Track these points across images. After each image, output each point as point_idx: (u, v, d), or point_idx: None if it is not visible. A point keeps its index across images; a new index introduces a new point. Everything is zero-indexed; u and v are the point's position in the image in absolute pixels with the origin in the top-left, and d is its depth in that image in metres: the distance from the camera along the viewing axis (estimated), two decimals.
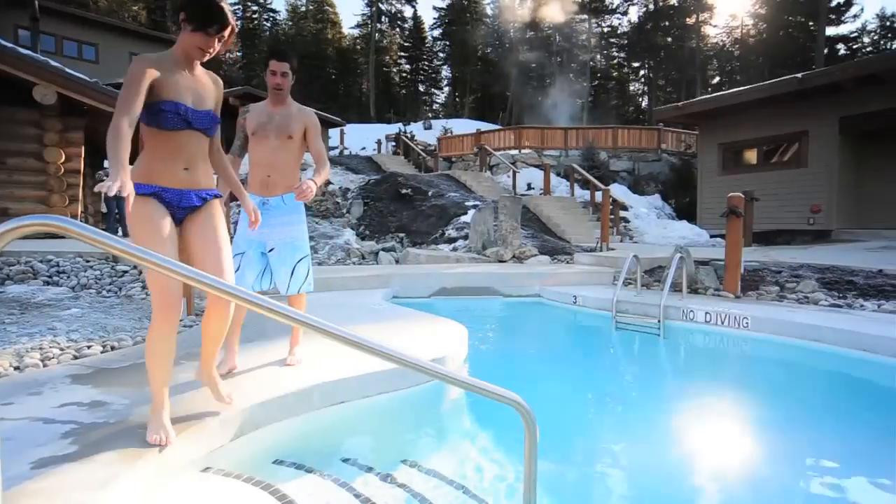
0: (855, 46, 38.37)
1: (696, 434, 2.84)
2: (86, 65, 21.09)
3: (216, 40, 1.88)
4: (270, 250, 2.76)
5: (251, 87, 20.14)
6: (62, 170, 9.17)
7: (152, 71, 1.79)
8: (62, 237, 2.42)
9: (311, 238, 9.88)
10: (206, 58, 1.93)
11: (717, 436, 2.85)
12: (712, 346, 4.83)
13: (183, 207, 1.99)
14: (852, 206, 11.63)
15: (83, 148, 9.52)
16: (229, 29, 1.90)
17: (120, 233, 10.85)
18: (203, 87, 1.98)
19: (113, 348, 3.31)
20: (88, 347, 3.22)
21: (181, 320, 4.32)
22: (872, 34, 39.21)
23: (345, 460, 2.22)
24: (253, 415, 2.35)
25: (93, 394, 2.36)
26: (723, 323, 4.87)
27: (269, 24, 50.86)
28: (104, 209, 11.63)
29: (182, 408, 2.21)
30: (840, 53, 37.07)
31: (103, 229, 2.08)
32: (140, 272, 6.01)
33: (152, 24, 35.59)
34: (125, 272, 5.87)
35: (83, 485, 1.56)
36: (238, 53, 47.74)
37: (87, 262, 5.95)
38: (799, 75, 11.59)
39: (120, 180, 1.53)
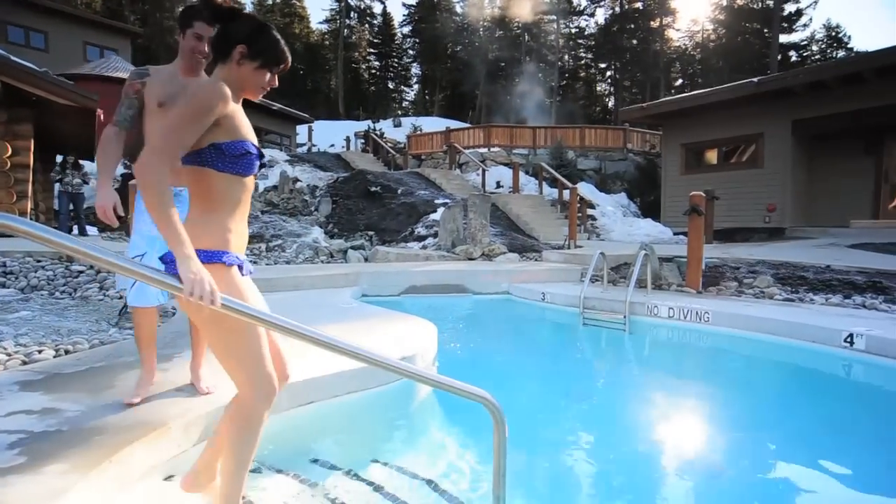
0: (805, 54, 40.28)
1: (659, 426, 2.93)
2: (34, 53, 20.02)
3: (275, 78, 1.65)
4: None
5: None
6: (8, 164, 8.70)
7: (227, 104, 1.47)
8: (9, 236, 2.27)
9: (278, 236, 9.70)
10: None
11: (680, 426, 2.94)
12: (675, 341, 4.98)
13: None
14: (804, 205, 12.19)
15: (32, 141, 9.05)
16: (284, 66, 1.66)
17: (75, 231, 10.38)
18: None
19: (67, 352, 3.16)
20: (39, 352, 3.06)
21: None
22: (820, 43, 41.20)
23: (315, 461, 2.19)
24: (219, 417, 2.29)
25: (43, 401, 2.25)
26: (685, 318, 5.03)
27: None
28: (56, 206, 11.09)
29: (142, 412, 2.13)
30: (792, 60, 38.82)
31: (54, 227, 1.96)
32: (97, 272, 5.77)
33: (108, 13, 34.09)
34: (80, 272, 5.62)
35: (33, 498, 1.48)
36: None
37: (38, 261, 5.66)
38: (755, 79, 12.06)
39: (195, 267, 1.30)
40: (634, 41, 43.45)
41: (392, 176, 14.94)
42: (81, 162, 10.85)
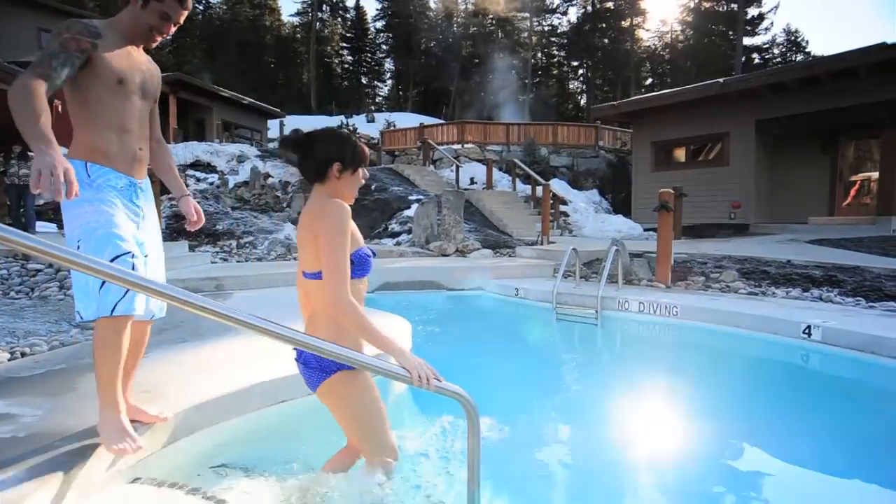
0: (767, 56, 41.67)
1: (631, 417, 2.99)
2: None
3: None
4: (146, 256, 1.89)
5: (183, 73, 18.95)
6: None
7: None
8: None
9: (249, 233, 9.51)
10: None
11: (650, 417, 3.02)
12: (645, 334, 5.10)
13: None
14: (766, 202, 12.63)
15: None
16: None
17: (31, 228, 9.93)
18: None
19: (24, 355, 3.03)
20: None
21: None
22: (781, 46, 42.69)
23: (289, 461, 2.15)
24: (187, 419, 2.23)
25: None
26: (655, 312, 5.15)
27: (201, 8, 48.07)
28: (8, 201, 10.57)
29: None
30: (755, 62, 40.10)
31: (8, 224, 1.75)
32: (57, 270, 5.54)
33: None
34: (38, 271, 5.39)
35: None
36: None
37: None
38: (721, 80, 12.41)
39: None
40: (606, 40, 44.13)
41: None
42: (30, 153, 10.35)
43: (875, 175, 11.34)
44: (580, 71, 48.78)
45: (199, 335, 3.54)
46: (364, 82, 53.95)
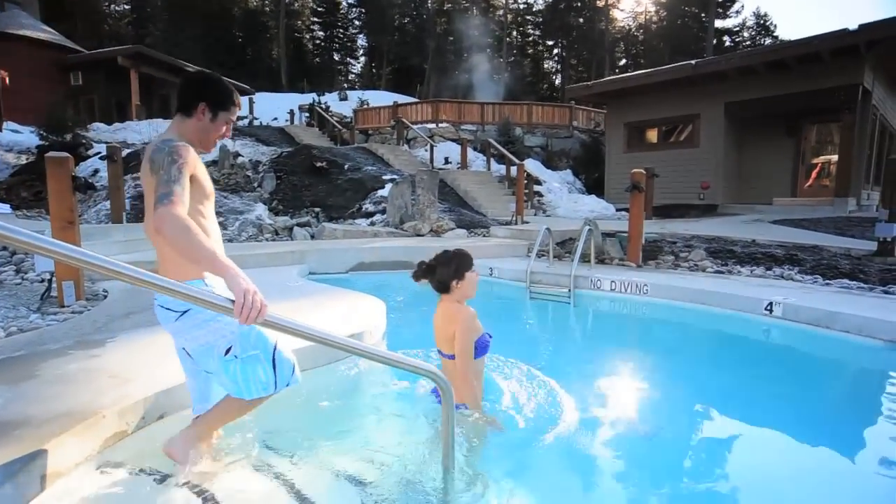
0: (738, 39, 42.26)
1: (602, 389, 3.08)
2: None
3: None
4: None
5: (144, 45, 18.08)
6: None
7: None
8: None
9: (219, 213, 9.27)
10: None
11: (620, 389, 3.11)
12: (617, 312, 5.22)
13: None
14: (734, 183, 12.97)
15: None
16: None
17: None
18: None
19: None
20: None
21: (69, 306, 3.90)
22: (751, 29, 43.33)
23: (263, 442, 2.15)
24: (157, 403, 2.20)
25: None
26: (626, 290, 5.27)
27: None
28: None
29: (70, 403, 2.00)
30: (726, 45, 40.66)
31: None
32: (12, 253, 5.31)
33: None
34: None
35: None
36: (127, 6, 42.61)
37: None
38: (692, 62, 12.56)
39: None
40: (581, 19, 43.95)
41: (338, 151, 14.55)
42: None
43: (834, 158, 11.74)
44: (555, 51, 48.59)
45: None
46: (336, 59, 52.54)
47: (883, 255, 5.83)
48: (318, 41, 51.74)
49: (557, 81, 47.87)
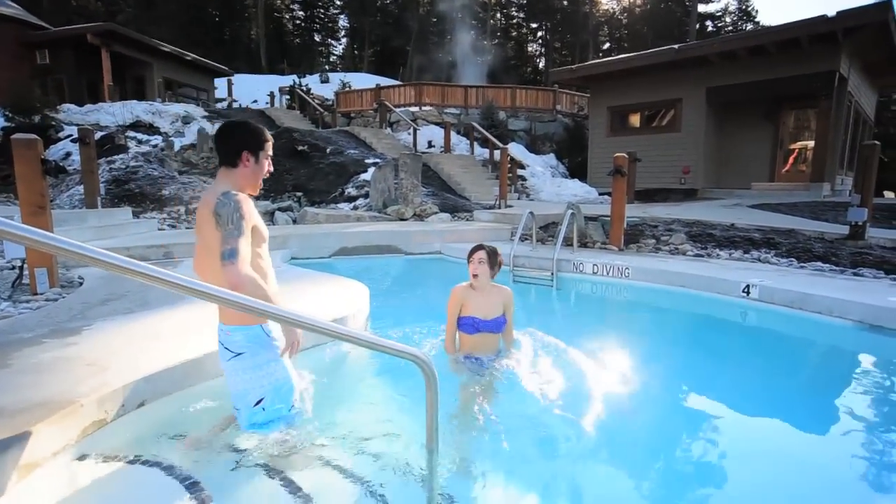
0: (720, 24, 42.41)
1: (583, 370, 3.13)
2: None
3: None
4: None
5: (115, 23, 17.38)
6: None
7: None
8: None
9: (198, 198, 9.08)
10: None
11: (602, 370, 3.16)
12: (599, 295, 5.29)
13: None
14: (714, 168, 13.13)
15: None
16: None
17: None
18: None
19: None
20: None
21: (43, 294, 3.80)
22: (733, 15, 43.51)
23: (247, 428, 2.13)
24: (137, 390, 2.16)
25: None
26: (608, 273, 5.34)
27: None
28: None
29: (46, 393, 1.96)
30: (709, 30, 40.77)
31: None
32: None
33: None
34: None
35: None
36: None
37: None
38: (675, 46, 12.59)
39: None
40: (565, 2, 43.62)
41: (320, 134, 14.32)
42: None
43: (811, 144, 11.96)
44: (539, 33, 48.25)
45: (147, 305, 3.41)
46: (317, 40, 51.37)
47: (854, 239, 6.00)
48: (298, 21, 50.48)
49: (541, 65, 47.63)
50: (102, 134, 11.62)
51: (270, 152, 1.99)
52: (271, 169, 1.99)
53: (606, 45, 46.55)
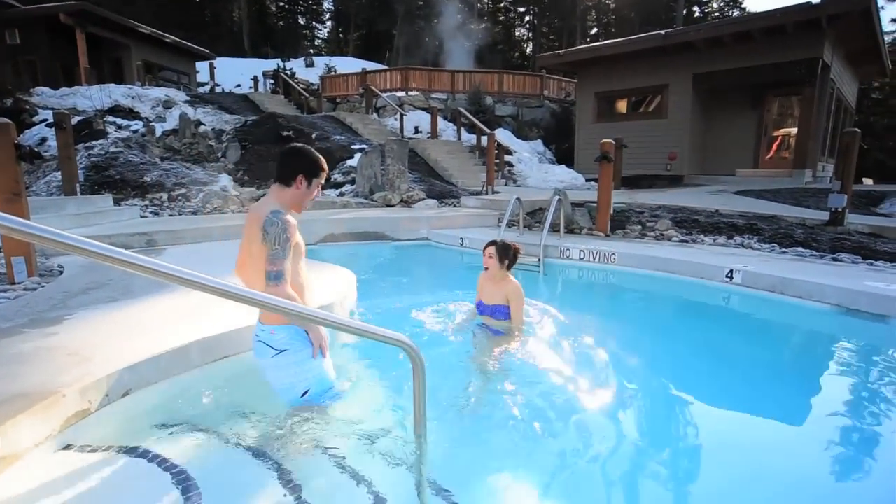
0: (707, 10, 42.39)
1: (568, 354, 3.16)
2: None
3: None
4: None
5: (89, 2, 16.77)
6: None
7: None
8: None
9: (181, 185, 8.93)
10: None
11: (588, 353, 3.20)
12: (586, 280, 5.33)
13: None
14: (700, 154, 13.23)
15: None
16: None
17: None
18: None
19: None
20: None
21: (21, 283, 3.72)
22: (720, 0, 43.48)
23: (234, 415, 2.13)
24: (121, 380, 2.14)
25: None
26: (594, 259, 5.38)
27: None
28: None
29: (26, 384, 1.93)
30: (696, 16, 40.74)
31: None
32: None
33: None
34: None
35: None
36: None
37: None
38: (662, 32, 12.57)
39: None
40: None
41: (305, 120, 14.11)
42: None
43: (794, 131, 12.09)
44: (526, 18, 47.83)
45: (130, 293, 3.36)
46: (301, 23, 50.32)
47: (834, 225, 6.11)
48: (281, 3, 49.35)
49: (529, 50, 47.29)
50: (80, 119, 11.31)
51: (323, 181, 2.17)
52: (318, 196, 2.16)
53: (594, 31, 46.35)
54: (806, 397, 2.71)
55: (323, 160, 2.15)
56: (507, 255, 3.21)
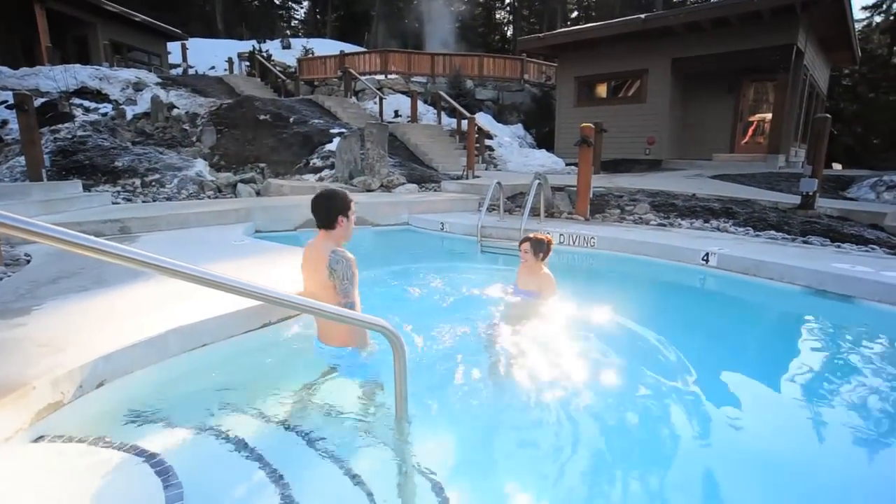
0: None
1: (549, 339, 3.21)
2: None
3: None
4: None
5: None
6: None
7: None
8: None
9: (155, 170, 8.68)
10: None
11: (567, 336, 3.25)
12: (566, 263, 5.38)
13: None
14: (678, 139, 13.40)
15: None
16: None
17: None
18: None
19: None
20: None
21: None
22: None
23: (214, 403, 2.10)
24: (95, 370, 2.09)
25: None
26: (574, 243, 5.43)
27: None
28: None
29: None
30: (675, 0, 40.85)
31: None
32: None
33: None
34: None
35: None
36: None
37: None
38: (642, 16, 12.59)
39: None
40: None
41: (283, 103, 13.81)
42: None
43: (769, 116, 12.31)
44: (507, 0, 47.35)
45: (103, 282, 3.27)
46: (277, 3, 48.96)
47: (805, 209, 6.27)
48: None
49: (509, 33, 46.91)
50: (43, 101, 10.86)
51: (354, 210, 2.51)
52: (354, 221, 2.52)
53: (574, 14, 46.17)
54: (777, 375, 2.80)
55: (349, 195, 2.49)
56: (541, 248, 3.53)
